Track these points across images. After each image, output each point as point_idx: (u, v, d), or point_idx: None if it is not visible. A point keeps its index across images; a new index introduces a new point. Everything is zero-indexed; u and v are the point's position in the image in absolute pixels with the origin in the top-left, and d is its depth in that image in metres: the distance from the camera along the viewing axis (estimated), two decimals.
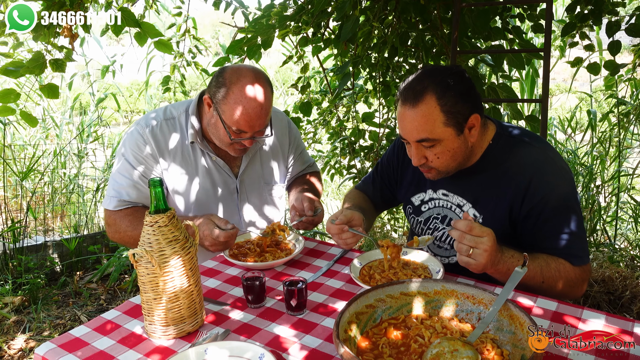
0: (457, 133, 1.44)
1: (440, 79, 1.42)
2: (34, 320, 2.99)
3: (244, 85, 1.65)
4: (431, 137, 1.43)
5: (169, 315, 1.22)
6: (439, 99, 1.40)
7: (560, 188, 1.46)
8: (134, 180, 1.77)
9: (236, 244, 1.74)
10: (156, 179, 1.20)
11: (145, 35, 2.57)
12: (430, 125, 1.42)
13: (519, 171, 1.49)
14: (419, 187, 1.72)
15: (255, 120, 1.67)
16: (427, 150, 1.47)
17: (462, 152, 1.49)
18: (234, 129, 1.68)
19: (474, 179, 1.57)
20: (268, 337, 1.23)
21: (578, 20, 3.16)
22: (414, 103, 1.42)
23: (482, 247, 1.30)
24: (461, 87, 1.43)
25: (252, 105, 1.65)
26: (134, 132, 1.80)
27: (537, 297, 1.35)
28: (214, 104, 1.70)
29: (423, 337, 1.11)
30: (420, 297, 1.21)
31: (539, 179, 1.46)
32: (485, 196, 1.55)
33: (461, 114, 1.42)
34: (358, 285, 1.44)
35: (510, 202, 1.49)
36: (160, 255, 1.18)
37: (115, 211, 1.78)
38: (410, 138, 1.47)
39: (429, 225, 1.70)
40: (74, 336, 1.26)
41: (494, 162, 1.54)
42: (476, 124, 1.46)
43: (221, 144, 1.77)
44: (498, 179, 1.53)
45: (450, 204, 1.63)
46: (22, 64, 2.36)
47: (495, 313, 1.09)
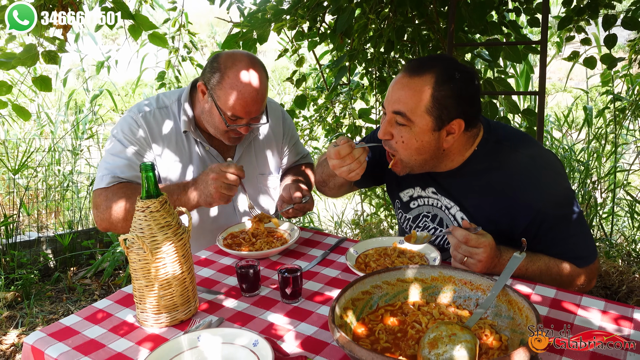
0: (434, 128, 1.35)
1: (450, 68, 1.36)
2: (27, 315, 2.95)
3: (239, 69, 1.62)
4: (407, 115, 1.35)
5: (161, 303, 1.20)
6: (436, 83, 1.33)
7: (554, 194, 1.38)
8: (128, 159, 1.69)
9: (230, 233, 1.72)
10: (148, 163, 1.17)
11: (139, 28, 2.53)
12: (413, 102, 1.34)
13: (506, 181, 1.40)
14: (408, 182, 1.63)
15: (251, 105, 1.64)
16: (396, 128, 1.38)
17: (430, 151, 1.39)
18: (230, 115, 1.64)
19: (456, 182, 1.50)
20: (262, 325, 1.21)
21: (574, 14, 3.15)
22: (412, 74, 1.36)
23: (476, 257, 1.29)
24: (464, 87, 1.35)
25: (248, 89, 1.62)
26: (126, 117, 1.76)
27: (536, 284, 1.33)
28: (209, 90, 1.66)
29: (420, 323, 1.09)
30: (417, 283, 1.19)
31: (529, 194, 1.37)
32: (471, 201, 1.48)
33: (448, 110, 1.34)
34: (354, 274, 1.42)
35: (501, 213, 1.41)
36: (152, 241, 1.16)
37: (108, 187, 1.65)
38: (388, 106, 1.39)
39: (417, 224, 1.63)
40: (64, 325, 1.24)
41: (478, 169, 1.45)
42: (457, 130, 1.37)
43: (216, 132, 1.73)
44: (480, 189, 1.45)
45: (440, 203, 1.56)
46: (14, 55, 2.33)
47: (494, 298, 1.07)
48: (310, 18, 3.16)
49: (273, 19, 2.91)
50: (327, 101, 4.35)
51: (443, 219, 1.56)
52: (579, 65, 3.61)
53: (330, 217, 4.99)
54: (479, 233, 1.31)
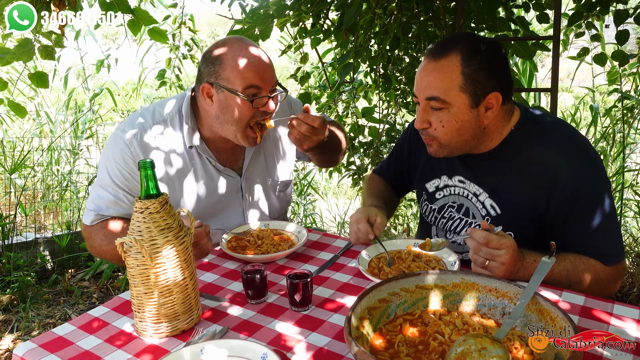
0: (471, 104, 1.32)
1: (474, 43, 1.33)
2: (23, 319, 2.86)
3: (233, 45, 1.52)
4: (442, 98, 1.32)
5: (162, 311, 1.11)
6: (464, 60, 1.30)
7: (592, 180, 1.33)
8: (115, 195, 1.57)
9: (235, 235, 1.63)
10: (147, 160, 1.08)
11: (138, 23, 2.45)
12: (445, 84, 1.31)
13: (544, 162, 1.35)
14: (434, 173, 1.61)
15: (263, 69, 1.51)
16: (433, 114, 1.36)
17: (471, 130, 1.36)
18: (248, 87, 1.50)
19: (491, 166, 1.45)
20: (270, 335, 1.12)
21: (585, 10, 3.06)
22: (437, 57, 1.33)
23: (499, 260, 1.21)
24: (492, 58, 1.32)
25: (254, 55, 1.51)
26: (119, 141, 1.57)
27: (563, 290, 1.25)
28: (215, 83, 1.53)
29: (443, 335, 1.00)
30: (437, 290, 1.11)
31: (567, 172, 1.32)
32: (503, 186, 1.43)
33: (482, 84, 1.31)
34: (367, 279, 1.34)
35: (533, 196, 1.36)
36: (152, 245, 1.07)
37: (92, 225, 1.59)
38: (420, 94, 1.36)
39: (443, 214, 1.58)
40: (57, 335, 1.15)
41: (516, 149, 1.41)
42: (495, 104, 1.34)
43: (238, 126, 1.55)
44: (519, 169, 1.39)
45: (467, 192, 1.51)
46: (9, 50, 2.25)
47: (524, 307, 0.99)
48: (314, 14, 3.08)
49: (276, 15, 2.83)
50: (329, 100, 4.27)
51: (469, 208, 1.51)
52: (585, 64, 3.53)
53: (333, 217, 4.92)
54: (499, 234, 1.23)
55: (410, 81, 3.90)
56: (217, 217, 1.72)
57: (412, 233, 4.89)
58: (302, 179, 4.90)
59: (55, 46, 2.33)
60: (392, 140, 4.14)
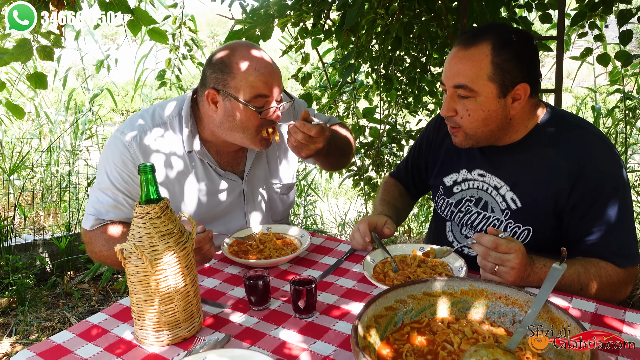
0: (499, 95, 1.32)
1: (505, 32, 1.32)
2: (21, 322, 2.83)
3: (242, 52, 1.49)
4: (470, 86, 1.31)
5: (162, 319, 1.08)
6: (494, 49, 1.29)
7: (615, 178, 1.32)
8: (115, 198, 1.54)
9: (236, 239, 1.60)
10: (147, 164, 1.06)
11: (138, 23, 2.43)
12: (474, 72, 1.30)
13: (570, 155, 1.34)
14: (453, 167, 1.59)
15: (271, 78, 1.49)
16: (460, 102, 1.35)
17: (497, 120, 1.35)
18: (255, 96, 1.47)
19: (515, 158, 1.43)
20: (274, 344, 1.09)
21: (588, 9, 3.04)
22: (467, 45, 1.32)
23: (508, 265, 1.19)
24: (522, 48, 1.32)
25: (263, 63, 1.48)
26: (118, 144, 1.54)
27: (572, 297, 1.22)
28: (222, 91, 1.49)
29: (452, 344, 0.98)
30: (445, 297, 1.08)
31: (594, 165, 1.31)
32: (526, 179, 1.41)
33: (511, 74, 1.30)
34: (372, 285, 1.31)
35: (555, 190, 1.35)
36: (152, 251, 1.04)
37: (92, 230, 1.57)
38: (448, 82, 1.36)
39: (460, 208, 1.55)
40: (56, 343, 1.12)
41: (541, 143, 1.40)
42: (523, 96, 1.33)
43: (245, 134, 1.53)
44: (544, 161, 1.38)
45: (487, 186, 1.49)
46: (7, 50, 2.22)
47: (535, 315, 0.96)
48: (315, 14, 3.05)
49: (277, 15, 2.80)
50: (330, 100, 4.24)
51: (488, 202, 1.48)
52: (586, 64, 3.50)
53: (334, 218, 4.89)
54: (507, 238, 1.21)
55: (411, 82, 3.88)
56: (219, 220, 1.69)
57: (413, 234, 4.86)
58: (302, 180, 4.87)
59: (54, 46, 2.30)
60: (393, 141, 4.11)
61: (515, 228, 1.41)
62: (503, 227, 1.44)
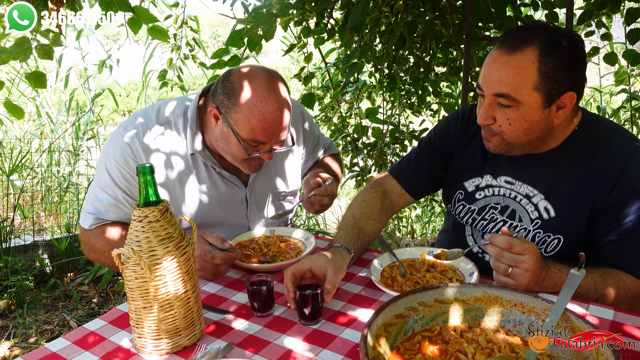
0: (544, 104, 1.22)
1: (553, 36, 1.20)
2: (20, 325, 2.79)
3: (257, 87, 1.39)
4: (512, 96, 1.21)
5: (162, 327, 1.04)
6: (541, 56, 1.18)
7: None
8: (115, 197, 1.50)
9: (239, 242, 1.55)
10: (146, 165, 1.01)
11: (139, 21, 2.39)
12: (518, 80, 1.20)
13: (608, 162, 1.27)
14: (476, 171, 1.48)
15: (275, 127, 1.41)
16: (500, 111, 1.25)
17: (539, 130, 1.26)
18: (250, 140, 1.42)
19: (550, 166, 1.35)
20: (279, 352, 1.05)
21: (596, 8, 2.99)
22: (511, 50, 1.20)
23: (523, 266, 1.13)
24: (573, 55, 1.21)
25: (270, 109, 1.39)
26: (120, 140, 1.50)
27: (590, 303, 1.17)
28: (223, 115, 1.43)
29: (466, 354, 0.93)
30: (457, 304, 1.03)
31: (630, 174, 1.24)
32: (562, 187, 1.33)
33: (558, 84, 1.20)
34: (379, 290, 1.26)
35: (592, 197, 1.28)
36: (151, 256, 1.00)
37: (91, 230, 1.52)
38: (487, 88, 1.25)
39: (483, 216, 1.46)
40: (50, 351, 1.08)
41: (578, 149, 1.32)
42: (568, 105, 1.24)
43: (234, 160, 1.50)
44: (582, 169, 1.31)
45: (516, 194, 1.40)
46: (5, 49, 2.18)
47: (554, 324, 0.91)
48: (318, 13, 3.01)
49: (279, 14, 2.76)
50: (333, 100, 4.20)
51: (516, 211, 1.40)
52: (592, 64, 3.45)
53: (336, 219, 4.85)
54: (520, 239, 1.16)
55: (415, 82, 3.82)
56: (220, 224, 1.64)
57: (417, 235, 4.81)
58: None
59: (53, 45, 2.27)
60: (396, 141, 4.06)
61: (545, 237, 1.34)
62: (530, 237, 1.36)
